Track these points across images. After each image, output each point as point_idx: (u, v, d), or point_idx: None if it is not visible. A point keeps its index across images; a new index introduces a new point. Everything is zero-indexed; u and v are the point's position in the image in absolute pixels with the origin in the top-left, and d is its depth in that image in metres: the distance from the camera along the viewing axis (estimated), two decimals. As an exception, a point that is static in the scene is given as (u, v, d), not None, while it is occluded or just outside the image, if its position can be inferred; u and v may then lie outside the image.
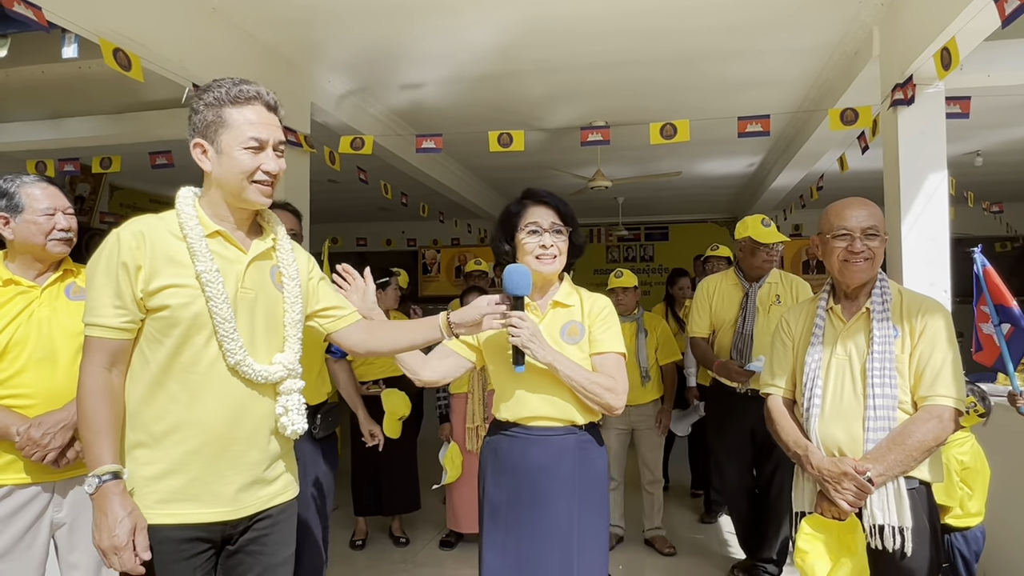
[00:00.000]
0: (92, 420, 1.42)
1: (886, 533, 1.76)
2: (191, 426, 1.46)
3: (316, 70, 4.40)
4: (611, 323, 2.01)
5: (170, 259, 1.47)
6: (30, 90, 4.46)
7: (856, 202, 1.96)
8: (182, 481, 1.46)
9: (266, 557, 1.57)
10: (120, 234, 1.47)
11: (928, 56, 3.00)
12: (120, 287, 1.44)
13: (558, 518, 1.90)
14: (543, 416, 1.94)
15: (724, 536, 4.22)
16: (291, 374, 1.58)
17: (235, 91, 1.51)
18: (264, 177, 1.52)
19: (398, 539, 4.10)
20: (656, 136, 4.08)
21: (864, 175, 5.90)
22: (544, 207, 2.01)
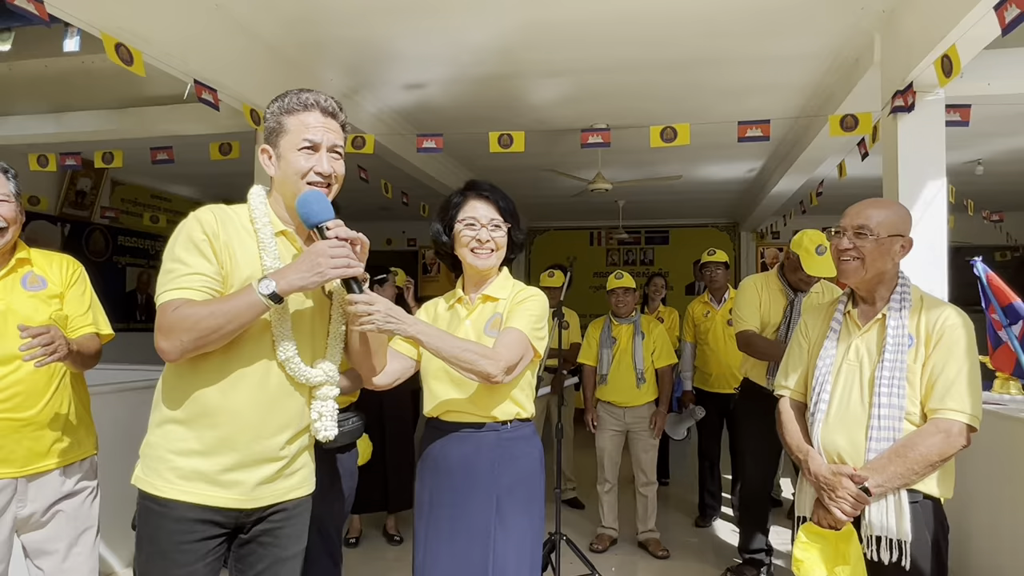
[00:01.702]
0: (209, 310, 1.42)
1: (882, 545, 1.73)
2: (225, 412, 1.49)
3: (318, 68, 4.40)
4: (526, 306, 1.92)
5: (242, 247, 1.53)
6: (33, 84, 4.47)
7: (867, 201, 1.90)
8: (206, 463, 1.48)
9: (277, 550, 1.59)
10: (198, 215, 1.52)
11: (929, 63, 3.01)
12: (206, 255, 1.48)
13: (474, 516, 1.86)
14: (459, 410, 1.91)
15: (718, 540, 4.23)
16: (329, 381, 1.60)
17: (294, 99, 1.57)
18: (317, 178, 1.55)
19: (392, 537, 4.11)
20: (656, 139, 4.09)
21: (864, 182, 5.91)
22: (484, 201, 1.98)
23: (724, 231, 10.91)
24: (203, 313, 1.42)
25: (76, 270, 2.12)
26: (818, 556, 1.80)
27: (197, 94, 3.35)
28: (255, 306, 1.42)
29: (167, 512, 1.48)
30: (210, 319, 1.41)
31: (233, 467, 1.50)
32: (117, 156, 4.94)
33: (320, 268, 1.43)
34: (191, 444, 1.49)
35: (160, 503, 1.48)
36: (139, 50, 2.94)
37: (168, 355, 1.45)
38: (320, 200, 1.52)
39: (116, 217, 7.52)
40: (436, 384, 1.94)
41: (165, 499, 1.48)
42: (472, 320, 1.97)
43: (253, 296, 1.42)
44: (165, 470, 1.49)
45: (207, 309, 1.42)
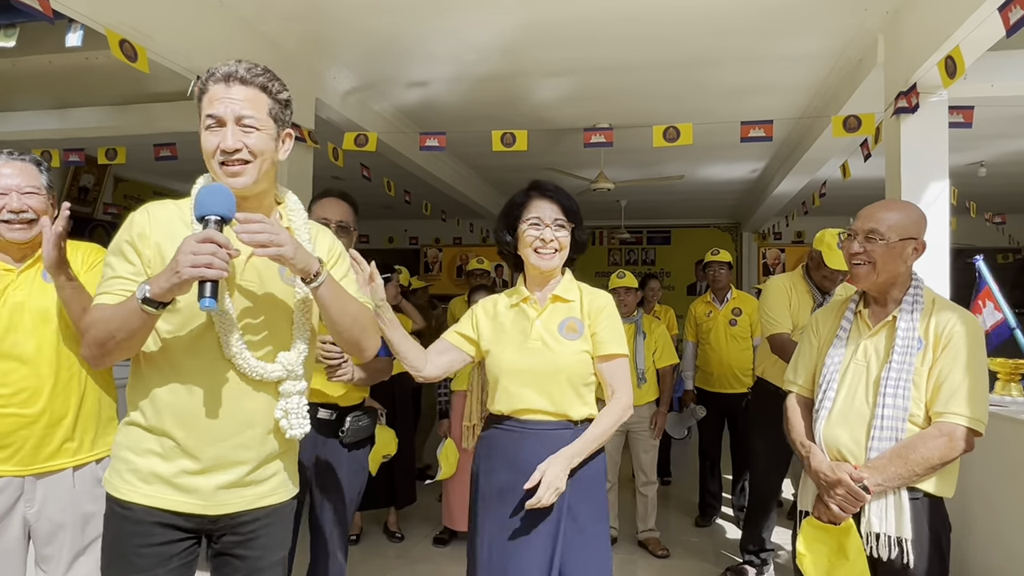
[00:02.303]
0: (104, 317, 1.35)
1: (882, 541, 1.74)
2: (177, 414, 1.42)
3: (322, 66, 4.41)
4: (613, 321, 1.98)
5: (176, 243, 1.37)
6: (37, 80, 4.48)
7: (880, 203, 1.89)
8: (164, 466, 1.42)
9: (252, 561, 1.50)
10: (132, 215, 1.47)
11: (932, 64, 3.01)
12: (128, 257, 1.42)
13: (546, 515, 1.87)
14: (537, 409, 1.92)
15: (718, 539, 4.23)
16: (291, 375, 1.49)
17: (207, 75, 1.45)
18: (223, 156, 1.41)
19: (393, 534, 4.11)
20: (659, 139, 4.09)
21: (866, 183, 5.91)
22: (548, 201, 1.98)
23: (726, 231, 10.91)
24: (99, 320, 1.35)
25: (98, 256, 2.07)
26: (820, 550, 1.81)
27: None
28: (136, 312, 1.31)
29: (128, 515, 1.42)
30: (101, 326, 1.34)
31: (190, 471, 1.42)
32: (120, 152, 4.95)
33: (178, 267, 1.27)
34: (150, 445, 1.43)
35: (122, 505, 1.43)
36: (143, 46, 2.94)
37: (89, 362, 1.41)
38: (220, 193, 1.35)
39: (119, 213, 7.54)
40: (511, 383, 1.95)
41: (126, 501, 1.42)
42: (543, 321, 1.97)
43: (133, 302, 1.31)
44: (126, 471, 1.44)
45: (103, 316, 1.35)
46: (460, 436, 3.94)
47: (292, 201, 1.60)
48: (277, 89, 1.49)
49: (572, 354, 1.93)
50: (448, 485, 3.99)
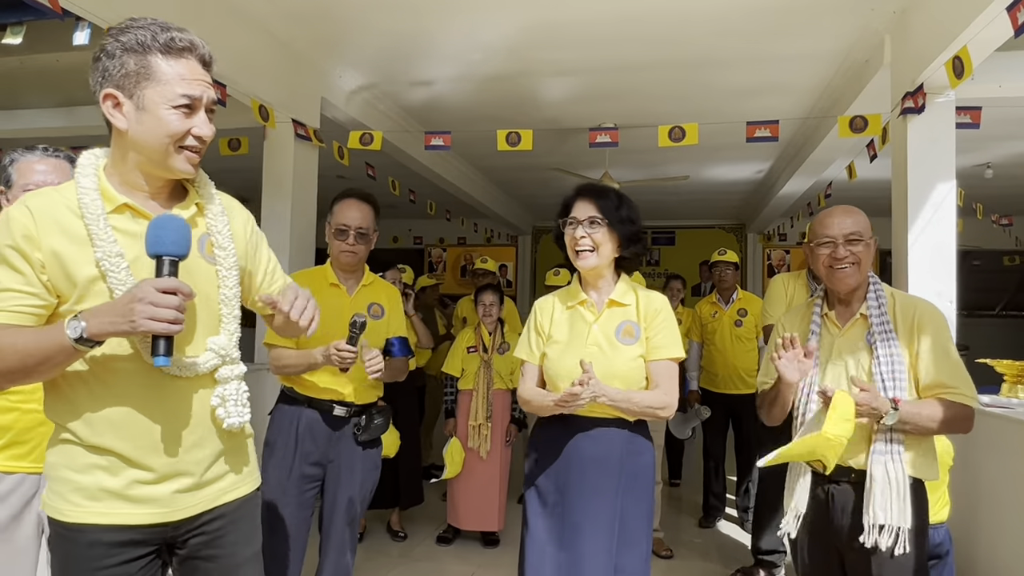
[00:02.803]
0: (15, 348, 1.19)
1: (884, 532, 1.76)
2: (109, 424, 1.29)
3: (328, 65, 4.42)
4: (667, 324, 2.01)
5: (73, 242, 1.25)
6: (43, 78, 4.50)
7: (838, 210, 1.98)
8: (112, 480, 1.29)
9: (224, 559, 1.41)
10: (10, 214, 1.25)
11: (939, 65, 3.00)
12: (15, 265, 1.23)
13: (602, 509, 1.93)
14: (592, 407, 1.95)
15: (722, 540, 4.22)
16: (226, 360, 1.37)
17: (165, 37, 1.27)
18: (194, 143, 1.30)
19: (396, 533, 4.11)
20: (664, 139, 4.09)
21: (872, 183, 5.89)
22: (584, 200, 2.03)
23: (731, 232, 10.89)
24: (9, 351, 1.19)
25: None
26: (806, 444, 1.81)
27: (206, 89, 3.36)
28: (65, 350, 1.18)
29: (77, 537, 1.28)
30: (14, 356, 1.18)
31: (141, 481, 1.30)
32: (126, 151, 4.96)
33: (133, 316, 1.15)
34: (91, 459, 1.29)
35: (68, 528, 1.28)
36: (150, 45, 2.95)
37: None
38: (175, 226, 1.24)
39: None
40: (567, 385, 1.97)
41: (73, 524, 1.28)
42: (600, 325, 2.02)
43: (62, 338, 1.17)
44: (68, 492, 1.28)
45: (14, 347, 1.19)
46: (466, 435, 3.95)
47: (202, 176, 1.44)
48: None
49: (627, 360, 1.98)
50: (453, 484, 3.99)
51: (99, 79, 1.30)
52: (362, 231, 2.40)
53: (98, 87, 1.30)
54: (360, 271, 2.52)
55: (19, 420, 1.85)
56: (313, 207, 4.39)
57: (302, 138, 4.15)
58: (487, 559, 3.82)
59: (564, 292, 2.15)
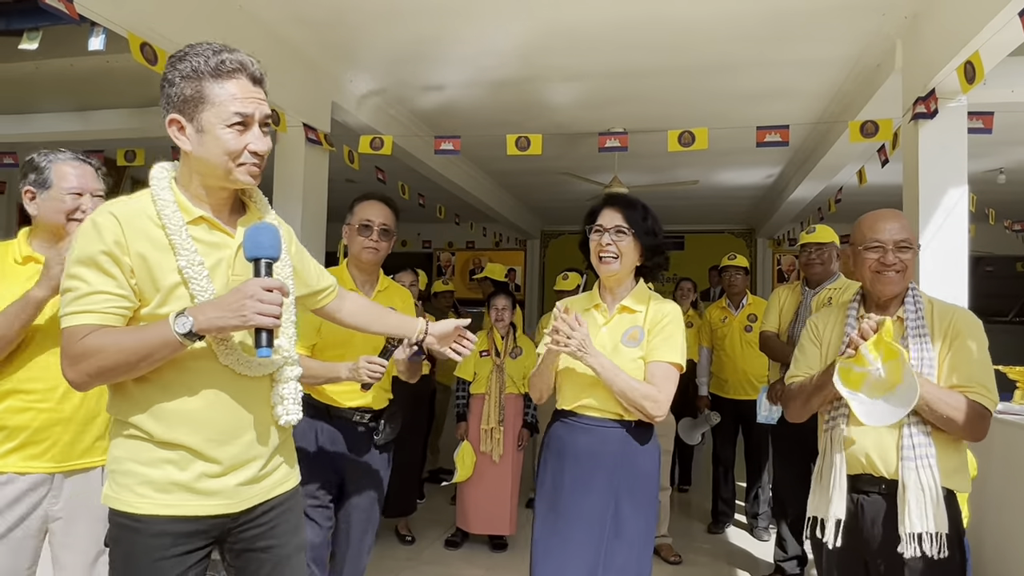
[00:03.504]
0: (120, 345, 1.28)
1: (925, 540, 1.74)
2: (188, 424, 1.37)
3: (339, 70, 4.44)
4: (671, 331, 2.05)
5: (156, 248, 1.35)
6: (58, 83, 4.54)
7: (889, 214, 1.95)
8: (182, 474, 1.37)
9: (277, 550, 1.49)
10: (97, 221, 1.33)
11: (951, 69, 2.99)
12: (107, 270, 1.31)
13: (594, 504, 1.98)
14: (592, 407, 2.04)
15: (731, 547, 4.20)
16: (287, 361, 1.48)
17: (215, 61, 1.35)
18: (251, 159, 1.39)
19: (404, 537, 4.12)
20: (674, 143, 4.08)
21: (883, 189, 5.86)
22: (611, 209, 2.10)
23: (740, 237, 10.85)
24: (113, 349, 1.27)
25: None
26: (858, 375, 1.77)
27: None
28: (170, 345, 1.28)
29: (144, 528, 1.34)
30: (118, 356, 1.28)
31: (210, 474, 1.39)
32: (139, 155, 5.01)
33: (245, 312, 1.27)
34: (161, 454, 1.36)
35: (136, 519, 1.35)
36: (164, 50, 2.98)
37: (76, 387, 1.32)
38: (270, 233, 1.37)
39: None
40: (571, 385, 2.09)
41: (141, 515, 1.34)
42: (609, 328, 2.09)
43: (168, 334, 1.27)
44: (136, 485, 1.35)
45: (117, 345, 1.28)
46: (478, 439, 3.95)
47: (257, 192, 1.55)
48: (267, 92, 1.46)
49: (628, 362, 2.04)
50: (463, 487, 4.00)
51: (164, 105, 1.40)
52: (385, 227, 2.44)
53: (164, 113, 1.40)
54: (376, 275, 2.54)
55: (35, 419, 1.86)
56: (323, 211, 4.41)
57: (313, 142, 4.18)
58: (495, 563, 3.82)
59: (584, 296, 2.24)
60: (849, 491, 1.86)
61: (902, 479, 1.76)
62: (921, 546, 1.74)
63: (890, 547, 1.77)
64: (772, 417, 3.45)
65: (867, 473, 1.84)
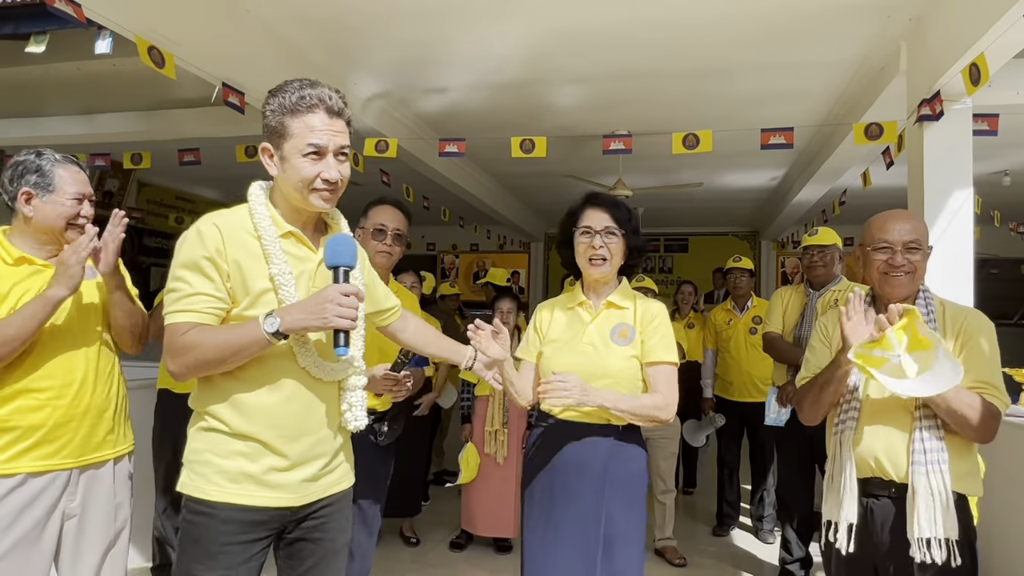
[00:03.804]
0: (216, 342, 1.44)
1: (933, 546, 1.72)
2: (263, 416, 1.50)
3: (344, 73, 4.46)
4: (664, 330, 2.04)
5: (249, 257, 1.50)
6: (65, 86, 4.57)
7: (900, 214, 1.92)
8: (252, 466, 1.49)
9: (327, 543, 1.62)
10: (201, 229, 1.49)
11: (956, 72, 2.99)
12: (208, 275, 1.47)
13: (584, 512, 1.95)
14: (580, 411, 2.00)
15: (735, 549, 4.19)
16: (356, 371, 1.62)
17: (296, 97, 1.51)
18: (323, 185, 1.52)
19: (408, 539, 4.12)
20: (679, 146, 4.09)
21: (888, 191, 5.85)
22: (599, 210, 2.07)
23: (744, 240, 10.84)
24: (209, 344, 1.43)
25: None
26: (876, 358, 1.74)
27: (224, 97, 3.41)
28: (259, 343, 1.43)
29: (216, 514, 1.48)
30: (214, 351, 1.43)
31: (278, 468, 1.51)
32: (145, 157, 5.03)
33: (326, 314, 1.42)
34: (235, 447, 1.50)
35: (209, 506, 1.49)
36: (171, 53, 3.00)
37: (176, 377, 1.47)
38: (348, 244, 1.52)
39: (142, 218, 7.66)
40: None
41: (213, 502, 1.48)
42: (596, 325, 2.07)
43: (258, 333, 1.42)
44: (212, 474, 1.49)
45: (214, 341, 1.44)
46: (482, 441, 3.96)
47: (337, 213, 1.70)
48: (351, 122, 1.61)
49: (621, 359, 2.01)
50: (468, 489, 4.00)
51: (263, 135, 1.57)
52: (399, 232, 2.47)
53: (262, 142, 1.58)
54: (387, 278, 2.55)
55: (51, 417, 1.87)
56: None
57: (318, 145, 4.19)
58: (500, 565, 3.82)
59: (566, 296, 2.21)
60: (859, 495, 1.84)
61: (912, 483, 1.75)
62: (930, 551, 1.72)
63: (900, 552, 1.76)
64: (780, 420, 3.44)
65: (877, 477, 1.83)
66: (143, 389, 3.46)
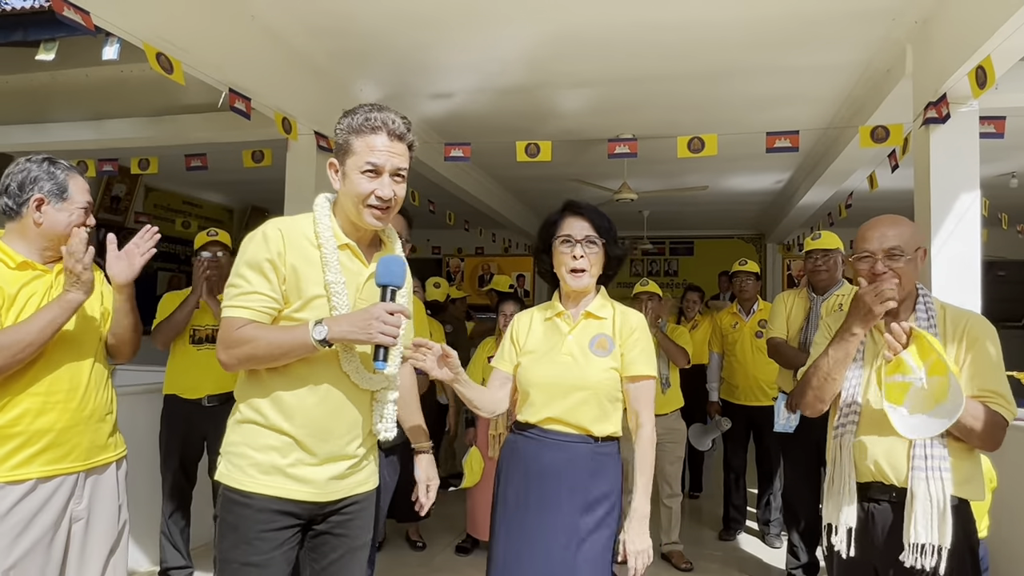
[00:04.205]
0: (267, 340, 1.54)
1: (926, 552, 1.71)
2: (299, 415, 1.59)
3: (349, 78, 4.48)
4: (644, 342, 2.02)
5: (307, 263, 1.60)
6: (73, 92, 4.60)
7: (882, 221, 1.90)
8: (283, 459, 1.59)
9: (349, 540, 1.70)
10: (267, 232, 1.60)
11: (963, 74, 2.98)
12: (267, 276, 1.57)
13: (559, 523, 1.91)
14: (561, 420, 1.98)
15: (742, 554, 4.18)
16: (390, 385, 1.71)
17: (361, 119, 1.61)
18: (376, 202, 1.61)
19: (415, 543, 4.12)
20: (684, 149, 4.09)
21: (894, 194, 5.84)
22: (579, 218, 2.03)
23: (750, 242, 10.83)
24: (261, 342, 1.54)
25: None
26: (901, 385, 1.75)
27: (230, 103, 3.43)
28: (306, 347, 1.53)
29: (250, 503, 1.58)
30: (265, 348, 1.54)
31: (307, 464, 1.61)
32: (153, 163, 5.06)
33: (371, 331, 1.51)
34: (269, 441, 1.59)
35: (244, 495, 1.58)
36: (179, 60, 3.02)
37: (226, 366, 1.58)
38: (400, 265, 1.61)
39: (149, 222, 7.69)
40: (538, 395, 2.01)
41: (248, 492, 1.58)
42: (575, 336, 2.03)
43: (306, 338, 1.52)
44: (247, 466, 1.60)
45: (265, 339, 1.54)
46: (486, 445, 3.95)
47: (392, 231, 1.79)
48: (413, 146, 1.69)
49: (600, 371, 1.98)
50: (472, 493, 4.00)
51: (333, 152, 1.68)
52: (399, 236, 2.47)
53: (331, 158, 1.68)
54: None
55: (59, 420, 1.88)
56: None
57: (324, 149, 4.21)
58: (506, 570, 3.81)
59: (543, 305, 2.16)
60: (860, 499, 1.84)
61: (911, 488, 1.74)
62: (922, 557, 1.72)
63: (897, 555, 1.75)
64: (790, 426, 3.42)
65: (877, 481, 1.83)
66: (149, 394, 3.49)
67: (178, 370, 3.29)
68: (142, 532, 3.38)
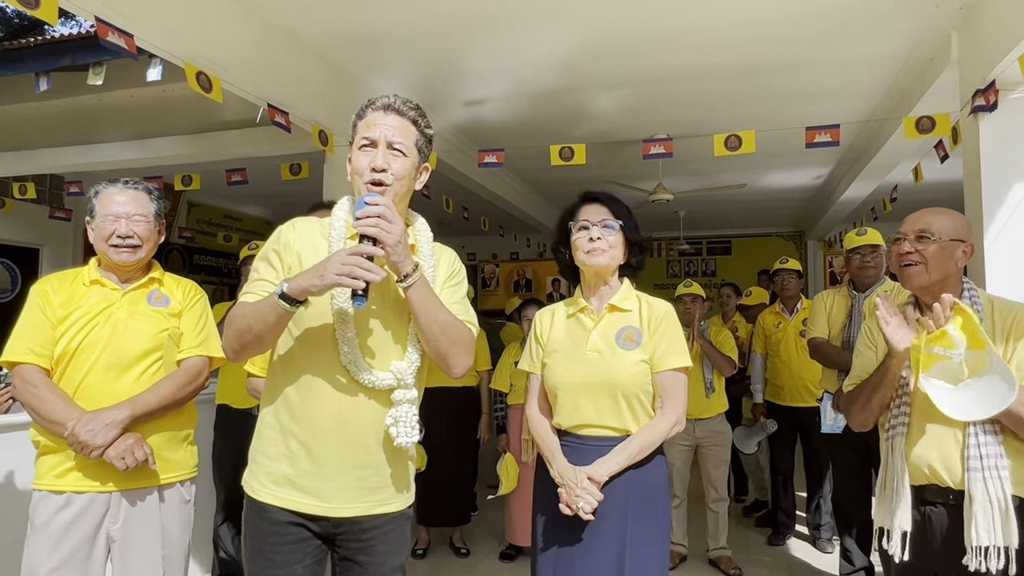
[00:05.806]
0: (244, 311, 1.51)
1: (990, 554, 1.65)
2: (304, 417, 1.54)
3: (382, 88, 4.52)
4: (673, 331, 1.95)
5: (315, 254, 1.57)
6: (119, 113, 4.74)
7: (925, 210, 1.88)
8: (291, 469, 1.54)
9: (374, 567, 1.59)
10: (280, 227, 1.63)
11: (1012, 60, 2.88)
12: (272, 263, 1.58)
13: (609, 531, 1.86)
14: (595, 424, 1.92)
15: (791, 559, 4.08)
16: (401, 384, 1.56)
17: (364, 104, 1.62)
18: (373, 176, 1.53)
19: (459, 550, 4.12)
20: (720, 148, 4.02)
21: (942, 186, 5.66)
22: (595, 204, 2.01)
23: (789, 240, 10.61)
24: (239, 313, 1.51)
25: (198, 295, 2.21)
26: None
27: (270, 117, 3.49)
28: (273, 307, 1.45)
29: (264, 514, 1.55)
30: (241, 319, 1.50)
31: (313, 473, 1.53)
32: (195, 179, 5.18)
33: (323, 272, 1.41)
34: (280, 448, 1.55)
35: (259, 505, 1.56)
36: (218, 78, 3.09)
37: (228, 357, 1.57)
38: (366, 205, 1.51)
39: (192, 237, 7.89)
40: (567, 396, 1.95)
41: (260, 502, 1.55)
42: (600, 331, 1.96)
43: (272, 298, 1.46)
44: (261, 474, 1.57)
45: (242, 310, 1.51)
46: (519, 450, 3.93)
47: (421, 223, 1.72)
48: (424, 124, 1.63)
49: (629, 364, 1.90)
50: (510, 500, 3.98)
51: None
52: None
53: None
54: None
55: None
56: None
57: (360, 160, 4.26)
58: (550, 576, 3.79)
59: (565, 302, 2.10)
60: (915, 503, 1.78)
61: (968, 490, 1.69)
62: (987, 560, 1.66)
63: (960, 560, 1.69)
64: (838, 427, 3.34)
65: (933, 484, 1.77)
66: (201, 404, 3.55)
67: (228, 380, 3.36)
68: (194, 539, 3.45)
